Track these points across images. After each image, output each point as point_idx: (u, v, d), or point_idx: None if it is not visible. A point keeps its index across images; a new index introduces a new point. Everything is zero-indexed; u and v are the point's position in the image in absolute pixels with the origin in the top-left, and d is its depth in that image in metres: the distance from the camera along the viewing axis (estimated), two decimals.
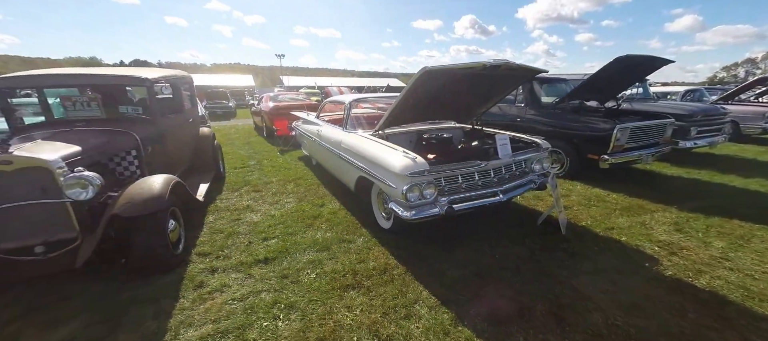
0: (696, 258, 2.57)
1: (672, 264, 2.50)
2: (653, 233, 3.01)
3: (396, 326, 1.90)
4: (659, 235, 2.96)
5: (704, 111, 5.66)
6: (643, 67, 4.82)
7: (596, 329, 1.84)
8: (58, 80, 3.21)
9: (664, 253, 2.66)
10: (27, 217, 2.19)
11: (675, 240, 2.87)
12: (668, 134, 4.86)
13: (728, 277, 2.32)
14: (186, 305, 2.12)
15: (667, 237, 2.91)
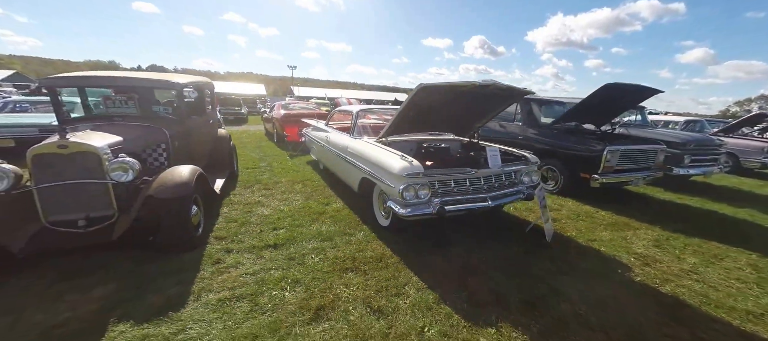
0: (666, 270, 2.83)
1: (643, 272, 2.77)
2: (632, 246, 3.28)
3: (386, 301, 2.21)
4: (637, 249, 3.23)
5: (697, 140, 5.94)
6: (633, 95, 5.16)
7: (562, 316, 2.12)
8: (101, 81, 3.71)
9: (638, 263, 2.93)
10: (74, 194, 2.59)
11: (651, 253, 3.14)
12: (660, 160, 5.15)
13: (692, 287, 2.58)
14: (205, 276, 2.46)
15: (644, 251, 3.18)
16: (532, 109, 5.85)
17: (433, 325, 1.99)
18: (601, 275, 2.68)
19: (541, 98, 6.15)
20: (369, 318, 2.04)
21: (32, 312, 2.00)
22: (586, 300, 2.31)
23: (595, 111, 5.32)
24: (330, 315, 2.06)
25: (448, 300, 2.25)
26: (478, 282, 2.50)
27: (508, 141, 5.66)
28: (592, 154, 4.63)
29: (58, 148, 2.48)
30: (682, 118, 9.67)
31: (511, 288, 2.43)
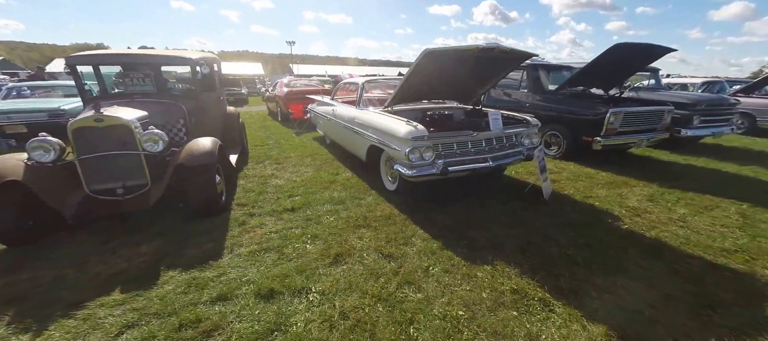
0: (655, 219, 3.14)
1: (631, 222, 3.08)
2: (626, 201, 3.57)
3: (395, 248, 2.58)
4: (630, 203, 3.52)
5: (709, 101, 6.03)
6: (644, 55, 5.25)
7: (551, 256, 2.47)
8: (120, 59, 4.01)
9: (628, 214, 3.23)
10: (111, 165, 2.96)
11: (643, 206, 3.43)
12: (666, 121, 5.31)
13: (676, 232, 2.89)
14: (235, 234, 2.86)
15: (636, 204, 3.48)
16: (537, 75, 5.99)
17: (436, 265, 2.36)
18: (591, 224, 3.00)
19: (547, 63, 6.25)
20: (381, 261, 2.42)
21: (94, 264, 2.42)
22: (574, 243, 2.65)
23: (603, 74, 5.45)
24: (347, 260, 2.44)
25: (450, 247, 2.61)
26: (477, 233, 2.85)
27: (514, 109, 5.86)
28: (595, 117, 4.83)
29: (94, 121, 2.83)
30: (700, 80, 9.59)
31: (507, 237, 2.77)
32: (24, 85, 7.90)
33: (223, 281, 2.18)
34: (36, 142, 2.71)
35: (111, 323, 1.82)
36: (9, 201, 2.57)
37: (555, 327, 1.76)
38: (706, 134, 5.96)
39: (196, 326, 1.78)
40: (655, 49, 4.99)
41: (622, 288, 2.09)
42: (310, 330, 1.75)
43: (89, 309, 1.93)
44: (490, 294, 2.02)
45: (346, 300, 1.98)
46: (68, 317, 1.87)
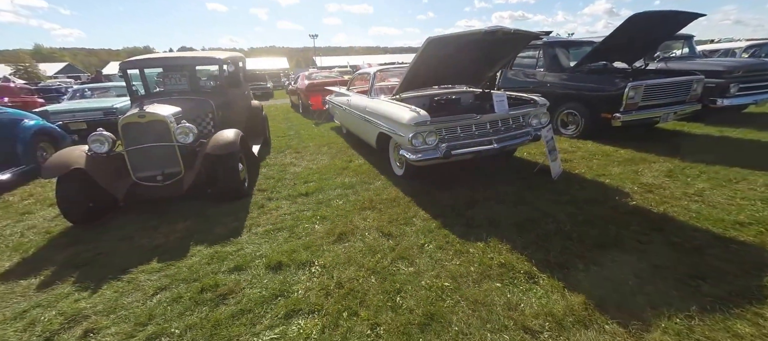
0: (668, 195, 2.98)
1: (642, 198, 2.95)
2: (640, 178, 3.40)
3: (396, 228, 2.71)
4: (645, 179, 3.35)
5: (749, 66, 5.42)
6: (669, 24, 4.81)
7: (546, 233, 2.46)
8: (161, 62, 4.44)
9: (640, 191, 3.09)
10: (152, 155, 3.34)
11: (659, 182, 3.25)
12: (697, 91, 4.87)
13: (689, 206, 2.73)
14: (254, 215, 3.14)
15: (651, 180, 3.30)
16: (554, 53, 5.70)
17: (431, 242, 2.46)
18: (596, 201, 2.92)
19: (565, 40, 5.93)
20: (380, 239, 2.57)
21: (139, 238, 2.80)
22: (573, 220, 2.61)
23: (625, 47, 5.08)
24: (349, 238, 2.61)
25: (447, 225, 2.69)
26: (476, 211, 2.90)
27: (531, 89, 5.66)
28: (612, 92, 4.56)
29: (138, 117, 3.21)
30: (745, 43, 8.52)
31: (506, 215, 2.79)
32: (86, 87, 8.91)
33: (240, 254, 2.45)
34: (95, 135, 3.14)
35: (148, 285, 2.14)
36: (74, 186, 3.03)
37: (536, 297, 1.82)
38: (748, 102, 5.39)
39: (214, 290, 2.05)
40: (680, 16, 4.55)
41: (612, 261, 2.07)
42: (309, 296, 1.96)
43: (133, 274, 2.28)
44: (477, 268, 2.10)
45: (343, 272, 2.16)
46: (117, 279, 2.22)
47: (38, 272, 2.40)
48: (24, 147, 4.65)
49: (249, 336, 1.68)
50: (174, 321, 1.83)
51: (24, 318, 1.93)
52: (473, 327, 1.63)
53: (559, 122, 5.45)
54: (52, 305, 2.03)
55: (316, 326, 1.71)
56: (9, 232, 3.11)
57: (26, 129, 4.83)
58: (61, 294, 2.13)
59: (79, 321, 1.88)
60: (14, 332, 1.82)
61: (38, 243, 2.87)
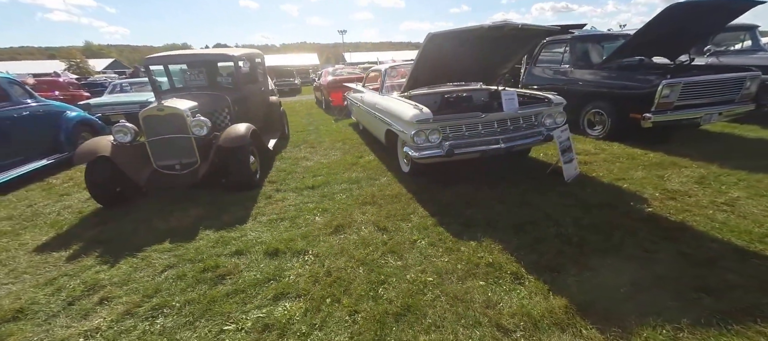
0: (692, 203, 2.80)
1: (661, 205, 2.80)
2: (665, 183, 3.22)
3: (392, 223, 2.80)
4: (670, 185, 3.16)
5: None
6: (720, 13, 4.43)
7: (544, 235, 2.44)
8: (181, 59, 4.83)
9: (661, 197, 2.93)
10: (170, 146, 3.67)
11: (685, 189, 3.06)
12: (750, 90, 4.46)
13: (713, 216, 2.56)
14: (261, 205, 3.37)
15: (678, 187, 3.11)
16: (583, 48, 5.47)
17: (424, 238, 2.52)
18: (607, 206, 2.82)
19: (596, 34, 5.67)
20: (375, 233, 2.67)
21: (156, 222, 3.12)
22: (577, 224, 2.55)
23: (666, 40, 4.75)
24: (346, 231, 2.74)
25: (444, 223, 2.74)
26: (476, 211, 2.91)
27: (556, 88, 5.50)
28: (643, 90, 4.30)
29: (157, 110, 3.55)
30: None
31: (507, 216, 2.78)
32: (125, 81, 9.84)
33: (243, 240, 2.66)
34: (118, 126, 3.52)
35: (159, 263, 2.41)
36: (102, 172, 3.42)
37: (517, 297, 1.83)
38: None
39: (215, 271, 2.26)
40: (732, 4, 4.17)
41: (607, 268, 2.02)
42: (298, 282, 2.11)
43: (147, 252, 2.56)
44: (465, 266, 2.13)
45: (334, 262, 2.29)
46: (133, 256, 2.51)
47: (68, 246, 2.77)
48: (67, 136, 5.27)
49: (239, 314, 1.86)
50: (176, 295, 2.06)
51: (53, 284, 2.25)
52: (447, 320, 1.69)
53: (585, 122, 5.23)
54: (77, 275, 2.35)
55: (300, 309, 1.85)
56: (48, 211, 3.58)
57: (69, 120, 5.46)
58: (85, 266, 2.45)
59: (97, 289, 2.17)
60: (43, 295, 2.14)
61: (71, 222, 3.28)
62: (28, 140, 4.78)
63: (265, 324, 1.76)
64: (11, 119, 4.63)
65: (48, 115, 5.23)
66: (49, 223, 3.26)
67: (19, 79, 5.76)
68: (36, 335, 1.83)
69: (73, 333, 1.81)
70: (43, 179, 4.62)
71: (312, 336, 1.67)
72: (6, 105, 4.65)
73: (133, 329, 1.81)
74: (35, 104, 5.11)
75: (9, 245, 2.87)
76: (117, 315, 1.92)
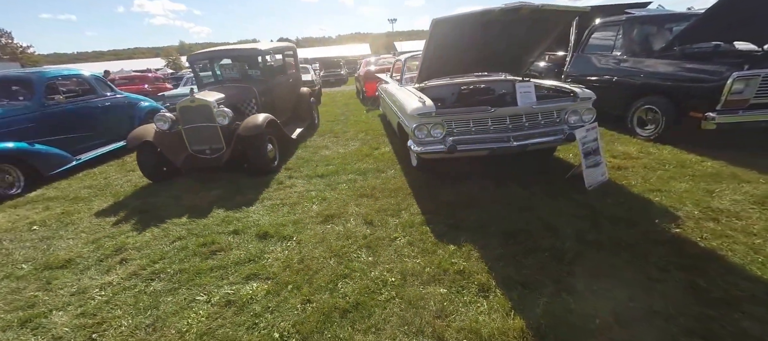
0: (737, 227, 2.25)
1: (695, 226, 2.31)
2: (712, 200, 2.63)
3: (381, 218, 2.76)
4: (718, 203, 2.58)
5: None
6: None
7: (535, 247, 2.18)
8: (218, 54, 5.29)
9: (700, 217, 2.41)
10: (201, 133, 4.06)
11: (736, 210, 2.47)
12: None
13: (761, 247, 2.03)
14: (271, 190, 3.57)
15: (727, 206, 2.53)
16: (636, 30, 4.65)
17: (406, 236, 2.45)
18: (624, 221, 2.41)
19: (656, 14, 4.75)
20: (360, 226, 2.67)
21: (185, 198, 3.52)
22: (580, 238, 2.24)
23: (753, 19, 3.81)
24: (334, 221, 2.79)
25: (432, 222, 2.62)
26: (472, 212, 2.72)
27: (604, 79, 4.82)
28: (709, 83, 3.53)
29: (190, 102, 3.96)
30: None
31: (501, 220, 2.55)
32: None
33: (243, 221, 2.87)
34: (158, 115, 4.00)
35: (173, 234, 2.73)
36: (148, 154, 3.95)
37: (475, 311, 1.69)
38: None
39: (211, 246, 2.49)
40: None
41: (592, 293, 1.74)
42: (273, 265, 2.22)
43: (167, 224, 2.91)
44: (433, 270, 2.03)
45: (311, 251, 2.35)
46: (157, 226, 2.88)
47: (117, 212, 3.27)
48: (139, 122, 6.16)
49: (214, 287, 2.03)
50: (174, 264, 2.32)
51: (96, 243, 2.70)
52: (390, 324, 1.64)
53: (635, 120, 4.49)
54: (114, 237, 2.78)
55: (263, 291, 1.96)
56: (115, 183, 4.25)
57: (141, 109, 6.37)
58: (122, 231, 2.88)
59: (122, 251, 2.54)
60: (87, 251, 2.57)
61: (127, 193, 3.86)
62: (108, 125, 5.69)
63: (229, 300, 1.90)
64: (97, 109, 5.55)
65: (124, 105, 6.16)
66: (113, 193, 3.87)
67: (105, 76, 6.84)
68: (70, 281, 2.21)
69: (93, 285, 2.16)
70: (120, 157, 5.47)
71: (262, 317, 1.76)
72: (93, 97, 5.58)
73: (133, 288, 2.10)
74: (115, 96, 6.04)
75: (82, 208, 3.48)
76: (127, 274, 2.24)
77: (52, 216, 3.28)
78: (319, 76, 19.54)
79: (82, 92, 5.57)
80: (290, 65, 6.20)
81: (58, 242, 2.75)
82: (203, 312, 1.83)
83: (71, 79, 5.72)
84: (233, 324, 1.72)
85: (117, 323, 1.78)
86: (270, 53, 4.96)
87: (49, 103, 4.86)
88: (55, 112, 4.89)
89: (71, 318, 1.85)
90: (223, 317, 1.78)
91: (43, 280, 2.23)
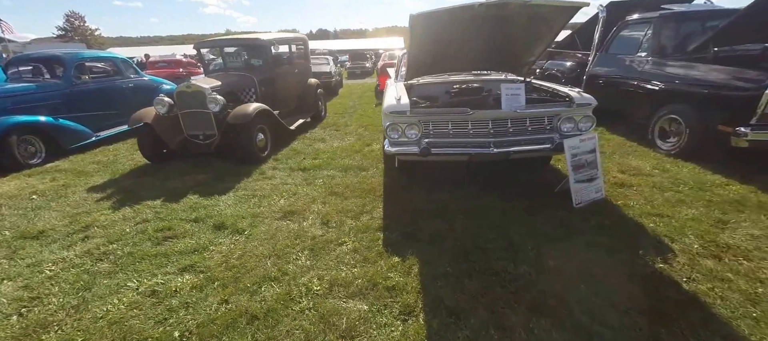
0: (741, 269, 1.83)
1: (687, 264, 1.91)
2: (721, 234, 2.18)
3: (339, 219, 2.61)
4: (728, 238, 2.13)
5: None
6: None
7: (484, 267, 1.93)
8: (221, 43, 5.37)
9: (698, 253, 2.00)
10: (195, 118, 4.13)
11: (750, 248, 2.02)
12: None
13: (763, 295, 1.63)
14: (251, 180, 3.55)
15: (738, 242, 2.08)
16: (667, 28, 4.02)
17: (354, 242, 2.29)
18: (603, 249, 2.06)
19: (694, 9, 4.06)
20: (315, 226, 2.54)
21: (169, 181, 3.61)
22: (539, 263, 1.94)
23: None
24: (292, 218, 2.68)
25: (388, 229, 2.43)
26: (435, 222, 2.49)
27: (625, 84, 4.27)
28: (743, 93, 2.95)
29: (186, 88, 4.04)
30: None
31: (461, 235, 2.30)
32: None
33: (208, 210, 2.86)
34: (157, 99, 4.12)
35: (141, 216, 2.78)
36: (147, 136, 4.10)
37: (385, 335, 1.50)
38: None
39: (166, 232, 2.50)
40: None
41: (524, 332, 1.48)
42: (213, 257, 2.17)
43: (141, 205, 2.99)
44: (363, 283, 1.86)
45: (255, 248, 2.27)
46: (131, 207, 2.96)
47: (106, 190, 3.43)
48: None
49: (148, 275, 2.02)
50: (127, 245, 2.36)
51: (73, 218, 2.82)
52: (292, 337, 1.51)
53: (656, 131, 3.92)
54: (90, 213, 2.89)
55: (190, 284, 1.91)
56: (121, 160, 4.47)
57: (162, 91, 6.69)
58: (100, 208, 3.00)
59: (89, 228, 2.63)
60: (61, 225, 2.70)
61: (124, 171, 4.05)
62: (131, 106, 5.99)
63: (155, 290, 1.87)
64: (121, 89, 5.90)
65: (148, 87, 6.48)
66: (113, 171, 4.08)
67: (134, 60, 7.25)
68: (33, 252, 2.32)
69: (50, 259, 2.24)
70: None
71: (176, 312, 1.70)
72: (118, 78, 5.94)
73: (80, 266, 2.15)
74: (140, 79, 6.39)
75: (81, 182, 3.70)
76: (82, 252, 2.30)
77: (53, 188, 3.51)
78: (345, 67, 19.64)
79: (110, 74, 5.94)
80: (298, 56, 6.17)
81: (43, 213, 2.93)
82: (127, 299, 1.81)
83: (100, 61, 6.12)
84: (146, 316, 1.69)
85: (48, 301, 1.82)
86: (273, 44, 4.95)
87: (78, 82, 5.23)
88: (83, 90, 5.25)
89: (14, 290, 1.92)
90: (141, 307, 1.76)
91: (13, 249, 2.36)
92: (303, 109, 6.09)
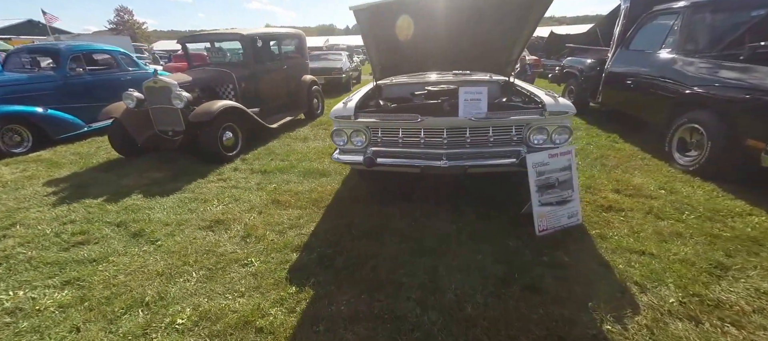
0: (732, 317, 1.31)
1: (654, 325, 1.42)
2: (715, 284, 1.64)
3: (267, 232, 2.35)
4: (723, 291, 1.59)
5: None
6: None
7: (387, 307, 1.58)
8: (205, 37, 5.31)
9: (671, 310, 1.49)
10: (164, 114, 4.05)
11: (748, 309, 1.48)
12: None
13: None
14: (203, 182, 3.38)
15: (735, 299, 1.54)
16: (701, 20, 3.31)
17: (258, 262, 2.02)
18: (546, 296, 1.61)
19: None
20: (233, 241, 2.29)
21: (128, 177, 3.55)
22: (456, 307, 1.55)
23: None
24: (217, 229, 2.46)
25: (307, 249, 2.14)
26: (360, 244, 2.17)
27: (641, 85, 3.63)
28: None
29: (153, 83, 3.97)
30: None
31: (383, 263, 1.95)
32: None
33: (138, 214, 2.71)
34: (126, 93, 4.09)
35: (72, 215, 2.70)
36: (117, 130, 4.09)
37: None
38: None
39: (82, 235, 2.39)
40: None
41: None
42: (106, 269, 2.00)
43: (80, 204, 2.91)
44: (236, 320, 1.57)
45: (154, 263, 2.06)
46: (69, 204, 2.90)
47: (67, 182, 3.45)
48: None
49: (29, 288, 1.88)
50: (36, 249, 2.25)
51: (9, 212, 2.78)
52: None
53: (674, 143, 3.25)
54: (28, 209, 2.85)
55: (58, 302, 1.75)
56: (99, 153, 4.50)
57: None
58: (48, 201, 2.98)
59: (14, 226, 2.56)
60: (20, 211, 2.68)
61: (93, 164, 4.07)
62: None
63: (19, 307, 1.72)
64: (117, 82, 6.04)
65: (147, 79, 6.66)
66: (82, 164, 4.09)
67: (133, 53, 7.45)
68: None
69: None
70: None
71: (22, 336, 1.53)
72: (116, 71, 6.10)
73: None
74: (139, 71, 6.55)
75: (47, 174, 3.72)
76: None
77: (18, 179, 3.57)
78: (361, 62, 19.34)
79: (107, 66, 6.12)
80: (289, 53, 5.99)
81: None
82: None
83: (97, 54, 6.30)
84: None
85: None
86: (255, 39, 4.78)
87: (72, 73, 5.40)
88: (77, 82, 5.41)
89: None
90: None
91: None
92: (293, 106, 5.90)
